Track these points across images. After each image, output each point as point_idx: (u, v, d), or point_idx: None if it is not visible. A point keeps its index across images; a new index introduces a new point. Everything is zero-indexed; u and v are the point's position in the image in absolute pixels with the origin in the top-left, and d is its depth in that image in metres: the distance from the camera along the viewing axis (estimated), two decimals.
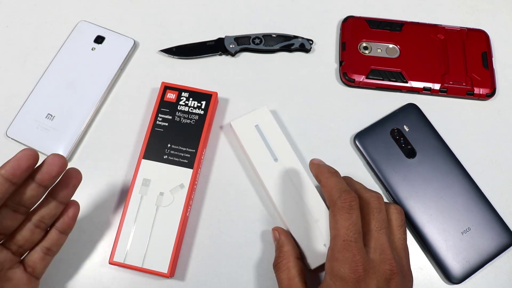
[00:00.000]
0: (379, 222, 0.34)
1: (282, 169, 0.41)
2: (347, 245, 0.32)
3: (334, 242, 0.33)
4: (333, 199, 0.34)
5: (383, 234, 0.34)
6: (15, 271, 0.34)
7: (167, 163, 0.41)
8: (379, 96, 0.48)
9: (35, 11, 0.52)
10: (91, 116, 0.46)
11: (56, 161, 0.32)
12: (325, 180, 0.36)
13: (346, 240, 0.32)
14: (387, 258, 0.33)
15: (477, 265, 0.40)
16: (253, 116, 0.43)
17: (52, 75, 0.47)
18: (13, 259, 0.34)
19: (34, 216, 0.34)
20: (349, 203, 0.33)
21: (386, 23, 0.50)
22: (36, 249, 0.35)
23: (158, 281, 0.40)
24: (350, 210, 0.33)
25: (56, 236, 0.36)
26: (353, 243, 0.32)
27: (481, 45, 0.49)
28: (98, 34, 0.49)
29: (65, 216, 0.35)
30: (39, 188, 0.32)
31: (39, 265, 0.35)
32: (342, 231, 0.33)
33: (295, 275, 0.35)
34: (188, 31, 0.51)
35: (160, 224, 0.39)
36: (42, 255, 0.35)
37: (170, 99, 0.44)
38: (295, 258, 0.37)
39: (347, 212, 0.33)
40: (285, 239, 0.38)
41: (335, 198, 0.34)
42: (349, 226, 0.33)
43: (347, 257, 0.32)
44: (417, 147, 0.44)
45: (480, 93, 0.47)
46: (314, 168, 0.39)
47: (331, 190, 0.35)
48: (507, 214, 0.43)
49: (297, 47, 0.49)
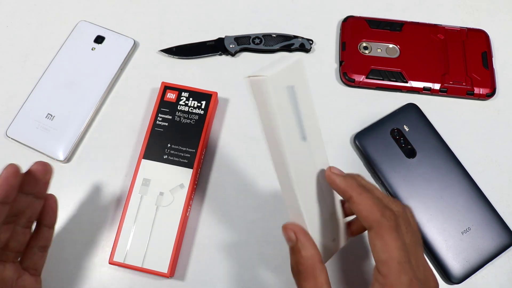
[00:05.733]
0: (414, 236, 0.31)
1: (308, 152, 0.32)
2: (403, 268, 0.28)
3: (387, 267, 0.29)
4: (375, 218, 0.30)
5: (419, 247, 0.31)
6: (23, 279, 0.35)
7: (167, 163, 0.41)
8: (379, 96, 0.48)
9: (35, 11, 0.52)
10: (91, 116, 0.46)
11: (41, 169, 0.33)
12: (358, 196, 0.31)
13: (401, 263, 0.29)
14: (431, 274, 0.31)
15: (477, 265, 0.40)
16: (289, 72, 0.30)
17: (52, 75, 0.47)
18: (17, 268, 0.35)
19: (22, 219, 0.35)
20: (394, 221, 0.30)
21: (386, 23, 0.50)
22: (34, 251, 0.36)
23: (158, 281, 0.40)
24: (397, 228, 0.30)
25: (47, 233, 0.37)
26: (407, 264, 0.29)
27: (481, 45, 0.49)
28: (98, 34, 0.49)
29: (49, 211, 0.36)
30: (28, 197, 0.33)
31: (40, 264, 0.37)
32: (396, 253, 0.29)
33: (323, 283, 0.31)
34: (188, 31, 0.51)
35: (160, 224, 0.39)
36: (40, 254, 0.36)
37: (170, 99, 0.44)
38: (320, 263, 0.31)
39: (396, 231, 0.29)
40: (306, 241, 0.32)
41: (378, 217, 0.30)
42: (401, 246, 0.29)
43: (404, 282, 0.28)
44: (417, 147, 0.44)
45: (480, 93, 0.47)
46: (338, 180, 0.32)
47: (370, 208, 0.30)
48: (507, 214, 0.43)
49: (297, 47, 0.49)
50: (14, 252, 0.35)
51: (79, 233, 0.42)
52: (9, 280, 0.33)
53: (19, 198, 0.33)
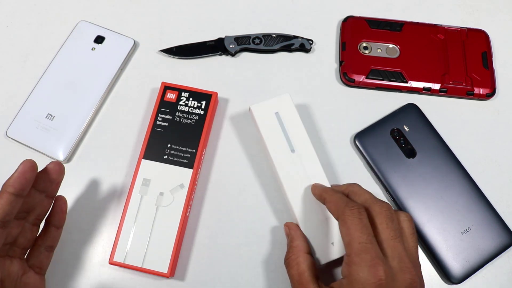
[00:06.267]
0: (393, 231, 0.33)
1: (298, 161, 0.40)
2: (364, 247, 0.31)
3: (350, 248, 0.31)
4: (340, 208, 0.33)
5: (399, 242, 0.32)
6: (28, 276, 0.35)
7: (167, 163, 0.41)
8: (379, 96, 0.48)
9: (35, 11, 0.52)
10: (91, 116, 0.46)
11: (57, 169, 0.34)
12: (329, 196, 0.36)
13: (362, 243, 0.31)
14: (407, 266, 0.31)
15: (477, 265, 0.40)
16: (274, 102, 0.42)
17: (52, 75, 0.47)
18: (23, 265, 0.35)
19: (31, 216, 0.36)
20: (357, 209, 0.32)
21: (386, 23, 0.50)
22: (40, 250, 0.37)
23: (158, 281, 0.40)
24: (360, 215, 0.32)
25: (55, 233, 0.38)
26: (370, 244, 0.31)
27: (481, 45, 0.49)
28: (98, 34, 0.49)
29: (59, 212, 0.37)
30: (41, 194, 0.34)
31: (46, 263, 0.37)
32: (356, 235, 0.31)
33: (304, 269, 0.35)
34: (188, 31, 0.51)
35: (160, 224, 0.39)
36: (46, 254, 0.37)
37: (170, 99, 0.44)
38: (304, 253, 0.36)
39: (357, 217, 0.32)
40: (295, 233, 0.37)
41: (342, 207, 0.33)
42: (362, 229, 0.31)
43: (365, 259, 0.30)
44: (417, 147, 0.44)
45: (480, 93, 0.47)
46: (317, 188, 0.38)
47: (337, 202, 0.34)
48: (507, 214, 0.43)
49: (297, 47, 0.49)
50: (21, 248, 0.35)
51: (79, 233, 0.42)
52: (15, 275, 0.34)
53: (32, 194, 0.33)
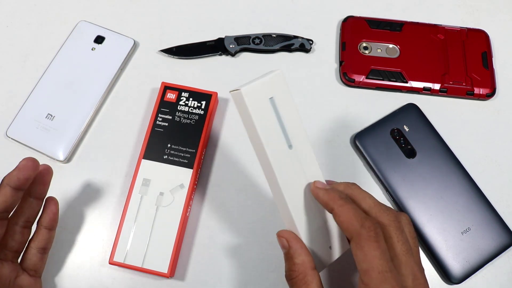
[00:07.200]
0: (404, 245, 0.31)
1: (296, 159, 0.33)
2: (384, 277, 0.29)
3: (368, 277, 0.29)
4: (355, 229, 0.30)
5: (410, 256, 0.31)
6: (22, 278, 0.35)
7: (167, 163, 0.41)
8: (379, 96, 0.48)
9: (35, 11, 0.52)
10: (91, 116, 0.46)
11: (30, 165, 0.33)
12: (339, 208, 0.31)
13: (382, 272, 0.29)
14: (421, 283, 0.30)
15: (477, 265, 0.40)
16: (267, 84, 0.31)
17: (52, 75, 0.47)
18: (16, 268, 0.35)
19: (20, 218, 0.35)
20: (374, 231, 0.30)
21: (386, 23, 0.50)
22: (33, 252, 0.36)
23: (158, 281, 0.40)
24: (377, 238, 0.30)
25: (47, 235, 0.37)
26: (389, 273, 0.29)
27: (481, 45, 0.49)
28: (98, 34, 0.49)
29: (49, 213, 0.37)
30: (18, 192, 0.33)
31: (39, 265, 0.37)
32: (375, 262, 0.29)
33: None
34: (188, 31, 0.51)
35: (160, 224, 0.39)
36: (40, 256, 0.37)
37: (170, 99, 0.44)
38: (311, 270, 0.32)
39: (375, 241, 0.29)
40: (298, 247, 0.33)
41: (357, 228, 0.30)
42: (381, 255, 0.29)
43: None
44: (417, 147, 0.44)
45: (480, 93, 0.47)
46: (321, 193, 0.33)
47: (350, 219, 0.31)
48: (507, 214, 0.43)
49: (297, 47, 0.49)
50: (12, 251, 0.35)
51: (79, 233, 0.42)
52: (6, 278, 0.34)
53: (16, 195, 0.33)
